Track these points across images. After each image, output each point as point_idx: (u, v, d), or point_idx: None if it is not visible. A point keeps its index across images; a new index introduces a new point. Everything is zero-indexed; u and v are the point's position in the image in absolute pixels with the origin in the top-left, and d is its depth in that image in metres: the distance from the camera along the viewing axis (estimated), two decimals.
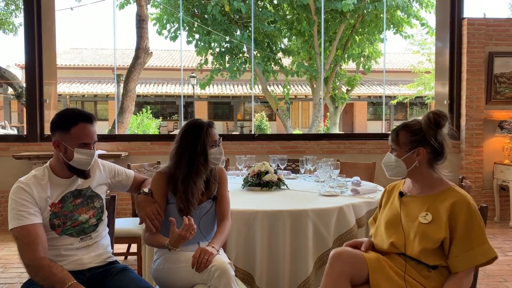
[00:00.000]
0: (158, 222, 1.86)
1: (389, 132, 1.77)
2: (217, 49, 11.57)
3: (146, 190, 1.93)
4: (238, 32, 11.45)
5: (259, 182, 2.80)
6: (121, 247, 3.56)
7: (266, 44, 12.12)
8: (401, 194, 1.80)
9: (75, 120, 1.74)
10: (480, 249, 1.60)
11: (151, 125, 13.20)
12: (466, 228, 1.60)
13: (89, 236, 1.82)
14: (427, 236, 1.65)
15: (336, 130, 14.43)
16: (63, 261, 1.73)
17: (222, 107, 21.89)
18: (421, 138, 1.70)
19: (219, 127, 20.11)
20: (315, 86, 12.68)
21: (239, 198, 2.56)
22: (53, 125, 1.77)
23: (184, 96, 18.41)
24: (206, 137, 1.92)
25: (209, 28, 11.07)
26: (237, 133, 18.92)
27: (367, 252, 1.76)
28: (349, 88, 14.37)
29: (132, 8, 14.34)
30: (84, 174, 1.81)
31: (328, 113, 15.34)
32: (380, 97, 19.86)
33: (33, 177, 1.74)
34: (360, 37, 12.06)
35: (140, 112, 13.58)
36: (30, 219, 1.63)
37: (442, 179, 1.73)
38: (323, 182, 2.76)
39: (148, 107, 14.99)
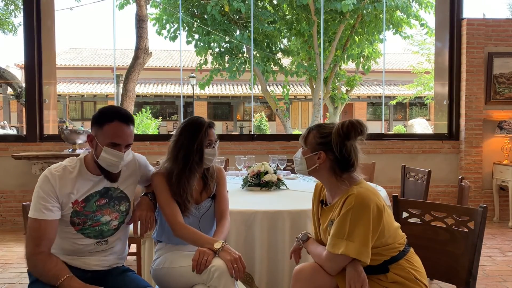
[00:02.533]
0: (145, 230, 1.82)
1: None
2: (217, 49, 11.56)
3: (151, 196, 1.90)
4: (238, 32, 11.43)
5: (258, 182, 2.81)
6: None
7: (265, 44, 12.11)
8: (322, 202, 1.76)
9: (111, 117, 1.66)
10: (347, 242, 1.52)
11: (151, 125, 13.19)
12: (342, 217, 1.55)
13: (105, 241, 1.77)
14: None
15: None
16: (73, 257, 1.72)
17: (222, 107, 21.88)
18: (327, 143, 1.63)
19: (219, 127, 20.11)
20: (314, 86, 12.67)
21: (239, 198, 2.56)
22: (92, 119, 1.71)
23: (183, 96, 18.41)
24: (204, 136, 1.92)
25: (209, 28, 11.06)
26: (237, 133, 18.91)
27: None
28: (349, 88, 14.37)
29: (132, 8, 14.37)
30: (111, 177, 1.74)
31: (327, 114, 15.35)
32: (380, 97, 19.88)
33: (63, 168, 1.68)
34: (359, 37, 12.05)
35: (140, 112, 13.58)
36: (45, 214, 1.60)
37: (348, 186, 1.62)
38: None
39: (148, 107, 14.98)
